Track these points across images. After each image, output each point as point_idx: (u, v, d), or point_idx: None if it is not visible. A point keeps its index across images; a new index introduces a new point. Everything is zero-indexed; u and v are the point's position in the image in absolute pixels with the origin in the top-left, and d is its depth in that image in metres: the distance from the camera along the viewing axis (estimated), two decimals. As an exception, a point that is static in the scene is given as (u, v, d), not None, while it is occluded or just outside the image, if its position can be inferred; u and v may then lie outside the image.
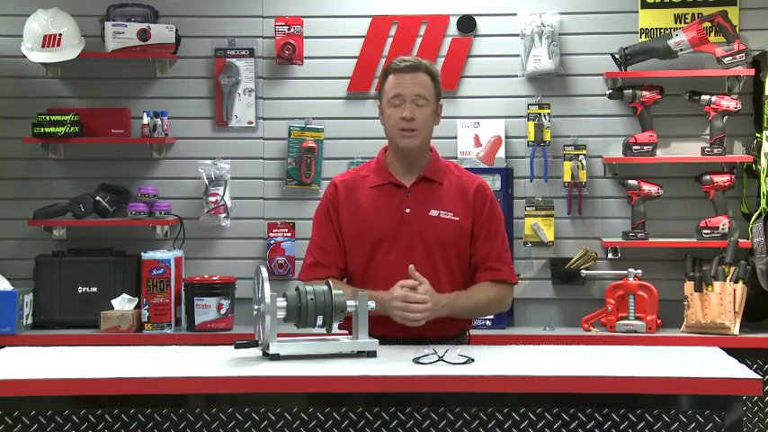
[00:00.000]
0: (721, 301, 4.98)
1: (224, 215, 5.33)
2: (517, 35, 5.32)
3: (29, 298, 5.17)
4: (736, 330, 4.99)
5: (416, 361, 3.04)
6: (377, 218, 3.56)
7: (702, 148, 5.21)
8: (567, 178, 5.29)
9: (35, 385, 2.89)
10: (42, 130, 5.24)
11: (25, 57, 5.24)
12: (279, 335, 3.12)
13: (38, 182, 5.41)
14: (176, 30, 5.33)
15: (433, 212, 3.56)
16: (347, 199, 3.61)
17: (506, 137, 5.34)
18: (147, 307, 5.04)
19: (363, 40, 5.38)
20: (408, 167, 3.62)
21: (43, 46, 5.20)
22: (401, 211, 3.57)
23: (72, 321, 5.15)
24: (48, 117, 5.26)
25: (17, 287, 5.16)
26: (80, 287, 5.18)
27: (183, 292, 5.14)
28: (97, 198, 5.28)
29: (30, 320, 5.17)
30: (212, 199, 5.32)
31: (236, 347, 3.18)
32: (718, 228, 5.14)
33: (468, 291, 3.55)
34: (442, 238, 3.54)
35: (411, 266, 3.42)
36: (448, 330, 3.53)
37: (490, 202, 3.60)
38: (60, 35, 5.20)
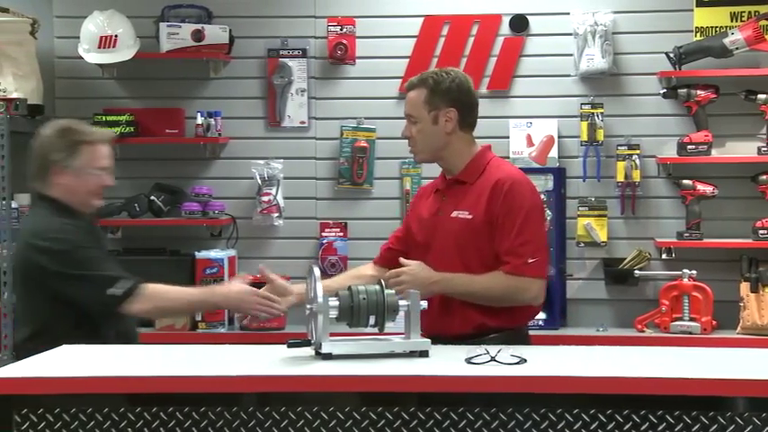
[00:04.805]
0: (778, 302, 4.93)
1: (277, 215, 5.37)
2: (570, 34, 5.30)
3: (85, 296, 5.23)
4: (793, 332, 4.93)
5: (469, 361, 3.03)
6: (421, 224, 3.70)
7: (758, 148, 5.15)
8: (621, 178, 5.26)
9: (91, 383, 2.92)
10: (98, 130, 5.30)
11: (82, 58, 5.31)
12: (331, 334, 3.13)
13: (94, 182, 5.47)
14: (230, 30, 5.38)
15: (454, 213, 3.60)
16: (416, 204, 3.82)
17: (559, 136, 5.32)
18: (200, 306, 5.08)
19: (415, 40, 5.39)
20: (447, 173, 3.71)
21: (99, 47, 5.26)
22: (436, 215, 3.64)
23: (127, 320, 5.20)
24: (103, 117, 5.33)
25: (73, 285, 5.22)
26: (135, 286, 5.23)
27: (236, 292, 5.17)
28: (152, 198, 5.33)
29: (86, 318, 5.23)
30: (265, 199, 5.35)
31: (288, 347, 3.19)
32: (774, 228, 5.09)
33: (472, 275, 3.54)
34: (458, 237, 3.57)
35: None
36: (459, 328, 3.53)
37: (505, 195, 3.53)
38: (116, 36, 5.27)
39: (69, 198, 3.64)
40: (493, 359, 3.02)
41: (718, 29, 5.25)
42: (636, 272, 5.18)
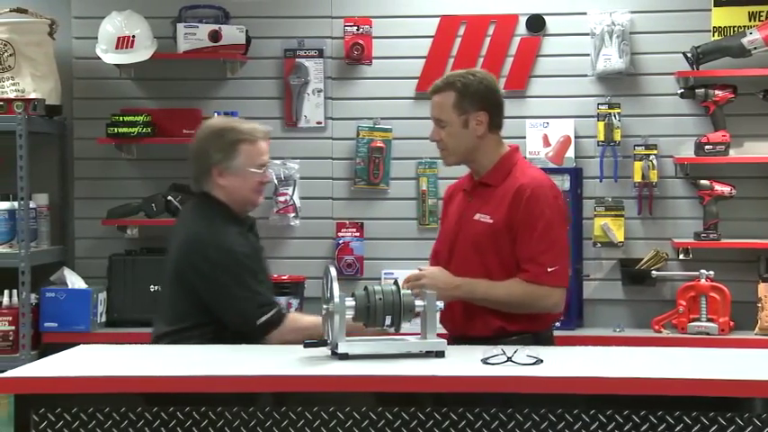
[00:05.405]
0: (796, 303, 4.91)
1: (293, 215, 5.37)
2: (587, 34, 5.28)
3: (102, 296, 5.26)
4: (811, 333, 4.91)
5: (485, 361, 3.03)
6: (449, 225, 3.71)
7: (776, 148, 5.13)
8: (638, 178, 5.24)
9: (109, 382, 2.94)
10: (116, 130, 5.32)
11: (100, 58, 5.33)
12: (347, 334, 3.13)
13: (111, 182, 5.49)
14: (247, 31, 5.38)
15: (476, 216, 3.60)
16: (448, 202, 3.82)
17: (576, 137, 5.31)
18: (217, 305, 5.08)
19: (432, 40, 5.38)
20: (475, 174, 3.69)
21: (117, 47, 5.28)
22: (462, 216, 3.65)
23: (144, 319, 5.14)
24: (121, 118, 5.34)
25: (91, 285, 5.25)
26: (152, 285, 5.23)
27: (252, 291, 5.17)
28: (169, 198, 5.34)
29: (103, 318, 5.26)
30: (281, 199, 5.36)
31: (305, 347, 3.20)
32: (792, 229, 5.06)
33: (493, 282, 3.54)
34: (478, 241, 3.57)
35: None
36: (479, 331, 3.54)
37: (526, 201, 3.52)
38: (134, 37, 5.28)
39: (232, 199, 3.62)
40: (509, 360, 3.02)
41: (736, 28, 5.23)
42: (653, 272, 5.16)
